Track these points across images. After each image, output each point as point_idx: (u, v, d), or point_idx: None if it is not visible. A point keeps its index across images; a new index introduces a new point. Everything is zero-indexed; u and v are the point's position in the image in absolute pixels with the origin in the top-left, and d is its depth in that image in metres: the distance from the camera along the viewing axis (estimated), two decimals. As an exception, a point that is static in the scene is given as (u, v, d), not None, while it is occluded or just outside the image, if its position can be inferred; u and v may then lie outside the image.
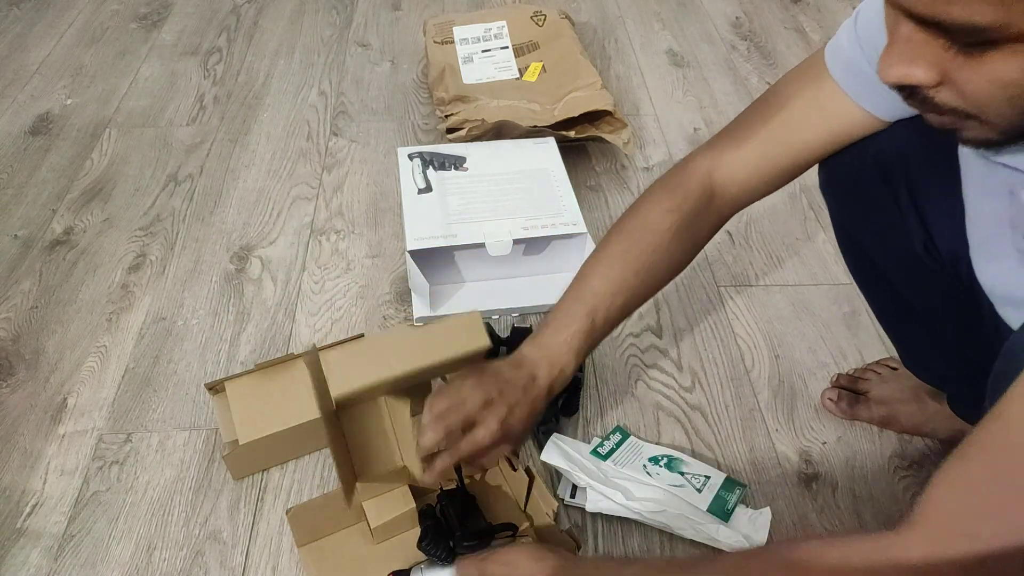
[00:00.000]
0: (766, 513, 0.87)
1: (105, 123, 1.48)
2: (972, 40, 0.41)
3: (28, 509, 0.89)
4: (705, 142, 0.78)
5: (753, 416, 1.00)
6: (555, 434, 0.92)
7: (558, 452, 0.89)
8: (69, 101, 1.54)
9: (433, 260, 1.10)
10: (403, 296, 1.15)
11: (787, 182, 0.75)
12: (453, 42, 1.54)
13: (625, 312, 0.77)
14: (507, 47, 1.53)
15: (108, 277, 1.18)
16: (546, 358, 0.74)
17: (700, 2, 1.88)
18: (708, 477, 0.90)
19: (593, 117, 1.35)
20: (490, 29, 1.56)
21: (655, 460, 0.92)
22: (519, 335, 0.99)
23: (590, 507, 0.87)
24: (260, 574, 0.84)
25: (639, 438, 0.95)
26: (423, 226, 1.10)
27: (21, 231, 1.25)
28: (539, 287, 1.14)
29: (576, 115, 1.32)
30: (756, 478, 0.93)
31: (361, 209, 1.30)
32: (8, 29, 1.75)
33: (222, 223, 1.28)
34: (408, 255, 1.06)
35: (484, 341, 0.74)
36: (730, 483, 0.89)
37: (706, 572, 0.57)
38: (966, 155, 0.61)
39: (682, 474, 0.90)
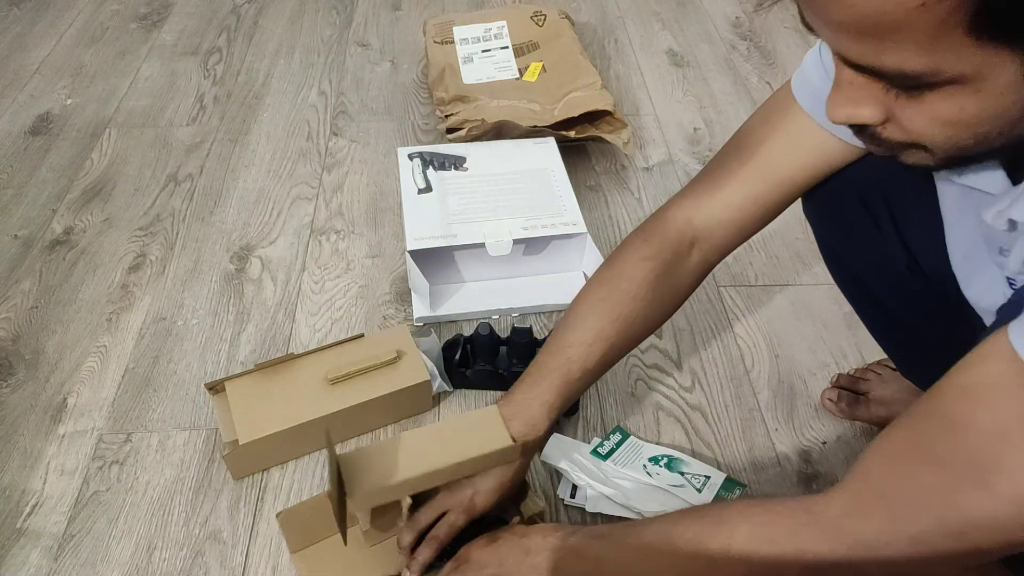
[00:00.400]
0: None
1: (105, 123, 1.48)
2: (908, 84, 0.42)
3: (28, 509, 0.89)
4: (681, 190, 0.76)
5: (753, 416, 1.00)
6: (555, 434, 0.92)
7: (558, 452, 0.89)
8: (69, 101, 1.54)
9: (433, 260, 1.10)
10: (403, 296, 1.15)
11: (772, 219, 0.74)
12: (453, 42, 1.54)
13: (605, 362, 0.75)
14: (507, 47, 1.53)
15: (108, 277, 1.18)
16: (517, 415, 0.73)
17: (700, 2, 1.88)
18: (708, 477, 0.90)
19: (593, 117, 1.35)
20: (490, 29, 1.56)
21: (655, 460, 0.92)
22: (519, 335, 0.99)
23: (590, 507, 0.87)
24: (260, 574, 0.84)
25: (639, 438, 0.95)
26: (423, 226, 1.10)
27: (21, 231, 1.25)
28: (539, 287, 1.14)
29: (576, 115, 1.32)
30: (756, 478, 0.93)
31: (361, 209, 1.30)
32: (8, 29, 1.75)
33: (222, 223, 1.28)
34: (408, 255, 1.06)
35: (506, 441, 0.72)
36: (730, 483, 0.89)
37: (645, 526, 0.60)
38: (939, 177, 0.61)
39: (682, 474, 0.90)
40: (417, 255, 1.06)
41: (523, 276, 1.16)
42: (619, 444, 0.93)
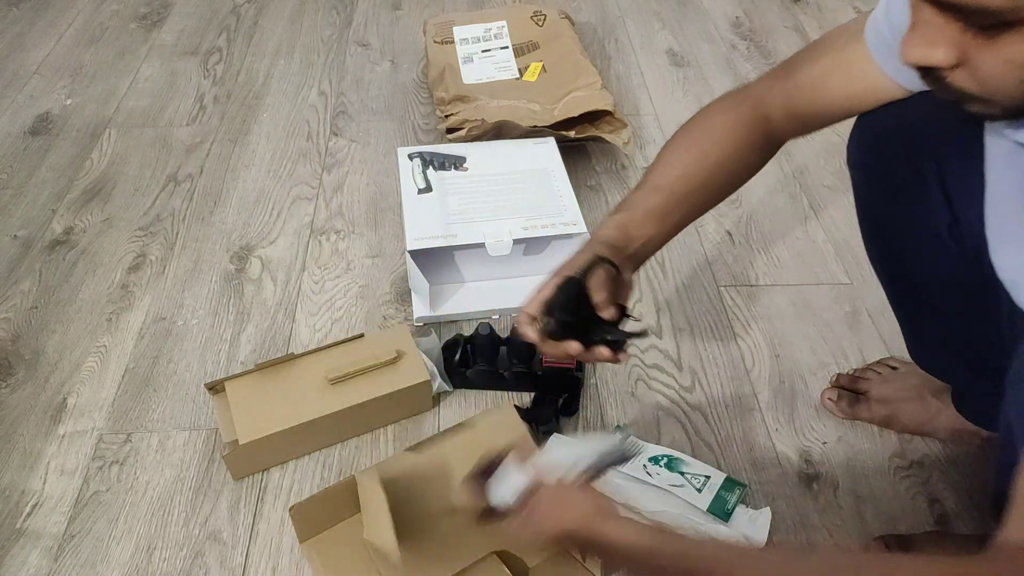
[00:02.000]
0: (766, 513, 0.87)
1: (105, 123, 1.48)
2: (987, 22, 0.43)
3: (28, 509, 0.89)
4: (770, 70, 0.80)
5: (753, 416, 1.00)
6: (555, 434, 0.92)
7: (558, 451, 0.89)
8: (69, 101, 1.54)
9: (433, 260, 1.10)
10: (403, 296, 1.15)
11: (823, 126, 0.77)
12: (453, 42, 1.54)
13: (681, 186, 0.76)
14: (507, 47, 1.53)
15: (108, 277, 1.18)
16: (615, 233, 0.74)
17: (700, 2, 1.88)
18: (708, 477, 0.90)
19: (593, 117, 1.35)
20: (490, 29, 1.56)
21: (655, 460, 0.91)
22: (519, 335, 0.99)
23: None
24: (260, 574, 0.84)
25: (639, 438, 0.95)
26: (423, 226, 1.10)
27: (21, 231, 1.25)
28: (539, 287, 1.14)
29: (576, 115, 1.32)
30: (756, 478, 0.93)
31: (361, 209, 1.30)
32: (8, 29, 1.75)
33: (222, 223, 1.27)
34: (408, 255, 1.06)
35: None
36: (730, 483, 0.89)
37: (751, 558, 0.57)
38: (991, 132, 0.61)
39: (682, 474, 0.90)
40: (417, 255, 1.06)
41: (523, 276, 1.16)
42: None
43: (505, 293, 1.14)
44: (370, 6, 1.86)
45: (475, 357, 1.01)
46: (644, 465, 0.91)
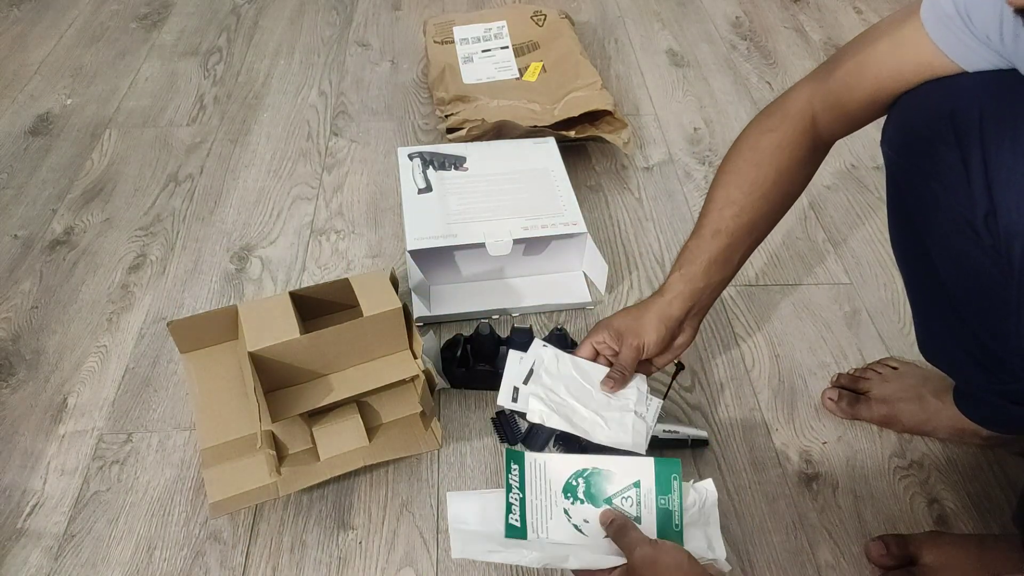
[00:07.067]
0: (711, 491, 0.76)
1: (105, 123, 1.48)
2: None
3: (28, 509, 0.90)
4: (810, 72, 0.81)
5: (753, 416, 1.00)
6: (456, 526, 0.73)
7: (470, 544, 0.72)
8: (69, 101, 1.54)
9: (433, 260, 1.10)
10: (403, 296, 1.15)
11: (873, 117, 0.77)
12: (453, 42, 1.54)
13: (740, 225, 0.81)
14: (507, 47, 1.53)
15: (108, 277, 1.18)
16: (670, 295, 0.84)
17: (700, 2, 1.88)
18: (636, 484, 0.75)
19: (593, 117, 1.35)
20: (490, 29, 1.56)
21: (569, 492, 0.75)
22: (519, 335, 0.99)
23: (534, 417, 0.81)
24: (260, 574, 0.84)
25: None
26: (423, 226, 1.10)
27: (21, 231, 1.25)
28: (539, 287, 1.14)
29: (576, 115, 1.32)
30: (756, 478, 0.93)
31: (361, 209, 1.30)
32: (8, 29, 1.75)
33: (222, 223, 1.28)
34: (408, 255, 1.06)
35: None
36: (663, 478, 0.75)
37: None
38: None
39: (609, 501, 0.75)
40: (417, 255, 1.06)
41: (523, 276, 1.16)
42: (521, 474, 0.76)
43: (505, 293, 1.14)
44: (370, 6, 1.86)
45: (475, 357, 1.01)
46: (565, 511, 0.75)
